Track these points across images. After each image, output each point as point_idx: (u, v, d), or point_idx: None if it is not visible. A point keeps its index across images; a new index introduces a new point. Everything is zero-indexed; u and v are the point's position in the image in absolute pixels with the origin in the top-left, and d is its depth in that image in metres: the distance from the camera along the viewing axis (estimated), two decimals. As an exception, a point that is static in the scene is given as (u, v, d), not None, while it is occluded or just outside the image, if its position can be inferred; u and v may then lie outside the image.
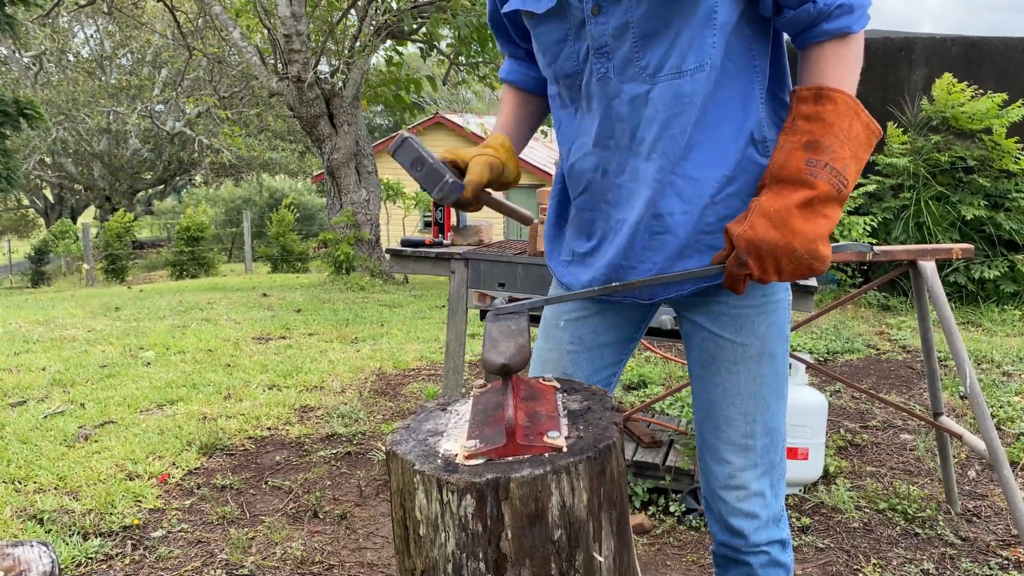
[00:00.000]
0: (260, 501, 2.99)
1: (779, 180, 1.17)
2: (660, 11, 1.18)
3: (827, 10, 1.17)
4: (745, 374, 1.36)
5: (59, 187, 27.08)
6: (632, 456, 2.93)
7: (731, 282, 1.19)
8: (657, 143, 1.25)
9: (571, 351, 1.45)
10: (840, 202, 1.16)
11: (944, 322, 2.43)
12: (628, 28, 1.21)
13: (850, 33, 1.19)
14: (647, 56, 1.21)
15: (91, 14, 20.66)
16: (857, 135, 1.17)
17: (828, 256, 1.15)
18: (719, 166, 1.27)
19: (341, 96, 10.50)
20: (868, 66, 7.58)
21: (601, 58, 1.25)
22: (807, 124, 1.17)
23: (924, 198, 6.88)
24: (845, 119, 1.16)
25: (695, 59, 1.20)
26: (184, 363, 5.02)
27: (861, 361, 5.07)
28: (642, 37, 1.21)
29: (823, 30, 1.19)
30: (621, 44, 1.22)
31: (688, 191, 1.27)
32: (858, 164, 1.18)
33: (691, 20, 1.18)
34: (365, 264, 10.77)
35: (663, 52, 1.21)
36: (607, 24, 1.22)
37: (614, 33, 1.22)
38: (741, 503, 1.39)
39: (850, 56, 1.20)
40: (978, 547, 2.60)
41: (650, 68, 1.22)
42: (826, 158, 1.15)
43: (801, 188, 1.15)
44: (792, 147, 1.18)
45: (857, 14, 1.18)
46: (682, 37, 1.19)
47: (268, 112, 22.03)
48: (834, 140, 1.15)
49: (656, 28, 1.19)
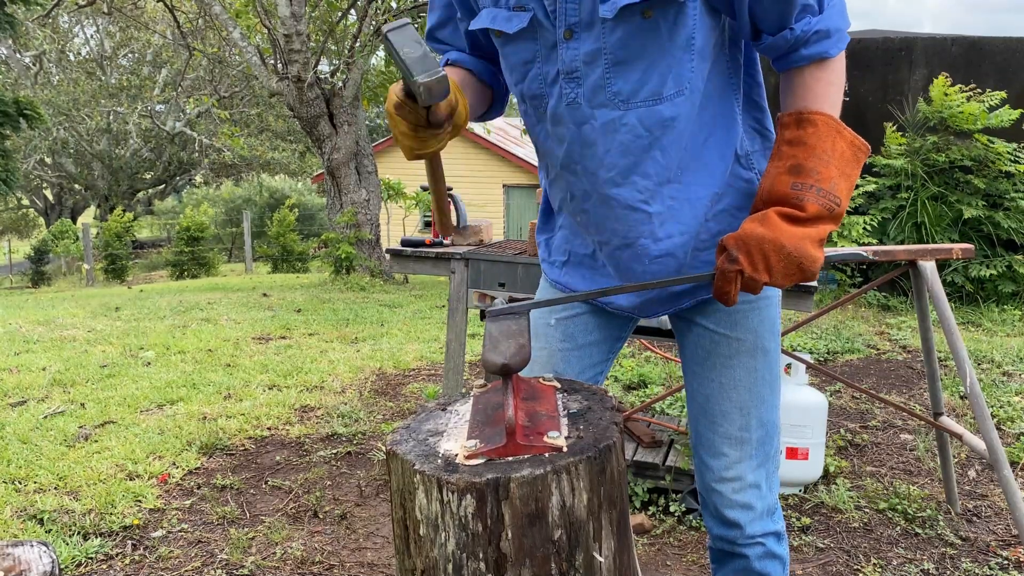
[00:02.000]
0: (260, 501, 2.99)
1: (768, 204, 1.20)
2: (635, 40, 1.17)
3: (804, 36, 1.19)
4: (740, 368, 1.39)
5: (59, 187, 27.09)
6: (632, 456, 2.93)
7: (721, 283, 1.19)
8: (635, 168, 1.25)
9: (562, 349, 1.47)
10: (835, 219, 1.17)
11: (944, 322, 2.43)
12: (600, 54, 1.19)
13: (828, 58, 1.20)
14: (618, 83, 1.20)
15: (91, 14, 20.65)
16: (842, 153, 1.18)
17: (819, 258, 1.16)
18: (709, 185, 1.30)
19: (341, 96, 10.50)
20: (868, 66, 7.61)
21: (571, 83, 1.23)
22: (790, 149, 1.19)
23: (922, 198, 6.88)
24: (827, 140, 1.18)
25: (674, 84, 1.20)
26: (184, 363, 5.02)
27: (861, 361, 5.07)
28: (615, 64, 1.19)
29: (801, 55, 1.20)
30: (592, 70, 1.21)
31: (684, 213, 1.29)
32: (848, 181, 1.19)
33: (669, 47, 1.18)
34: (365, 264, 10.78)
35: (636, 79, 1.20)
36: (579, 50, 1.21)
37: (585, 59, 1.21)
38: (737, 495, 1.41)
39: (831, 78, 1.21)
40: (978, 547, 2.60)
41: (623, 95, 1.21)
42: (811, 180, 1.16)
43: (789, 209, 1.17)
44: (777, 172, 1.19)
45: (835, 39, 1.20)
46: (660, 63, 1.18)
47: (268, 112, 22.03)
48: (817, 161, 1.17)
49: (629, 56, 1.19)
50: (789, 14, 1.18)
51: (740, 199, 1.33)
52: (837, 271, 7.12)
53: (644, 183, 1.26)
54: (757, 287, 1.18)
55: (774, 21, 1.19)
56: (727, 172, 1.31)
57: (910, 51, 7.55)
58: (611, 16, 1.15)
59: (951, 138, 6.92)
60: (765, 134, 1.35)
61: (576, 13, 1.18)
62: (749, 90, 1.34)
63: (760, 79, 1.35)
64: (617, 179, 1.26)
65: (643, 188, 1.26)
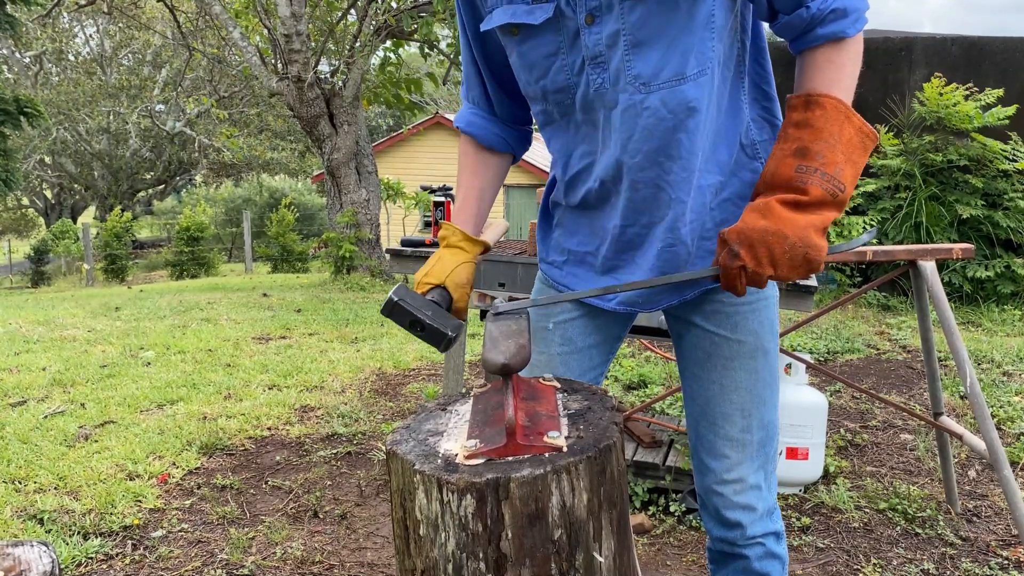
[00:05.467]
0: (260, 501, 2.99)
1: (771, 187, 1.17)
2: (653, 18, 1.16)
3: (820, 15, 1.17)
4: (741, 370, 1.38)
5: (59, 187, 27.08)
6: (632, 456, 2.93)
7: (727, 279, 1.16)
8: (662, 151, 1.23)
9: (561, 353, 1.46)
10: (838, 206, 1.14)
11: (944, 322, 2.43)
12: (620, 36, 1.19)
13: (845, 37, 1.18)
14: (638, 66, 1.19)
15: (91, 14, 20.65)
16: (850, 139, 1.16)
17: (823, 247, 1.12)
18: (716, 172, 1.29)
19: (341, 96, 10.50)
20: (868, 66, 7.58)
21: (597, 68, 1.22)
22: (797, 131, 1.17)
23: (921, 198, 6.88)
24: (835, 124, 1.15)
25: (697, 63, 1.18)
26: (184, 363, 5.02)
27: (861, 361, 5.07)
28: (633, 45, 1.18)
29: (817, 35, 1.18)
30: (614, 53, 1.20)
31: (695, 201, 1.28)
32: (854, 168, 1.16)
33: (690, 25, 1.16)
34: (365, 264, 10.78)
35: (657, 60, 1.18)
36: (601, 33, 1.20)
37: (608, 42, 1.20)
38: (738, 496, 1.41)
39: (845, 61, 1.19)
40: (978, 547, 2.60)
41: (643, 77, 1.19)
42: (816, 164, 1.14)
43: (792, 193, 1.15)
44: (783, 154, 1.17)
45: (852, 18, 1.17)
46: (681, 42, 1.17)
47: (268, 112, 22.03)
48: (824, 145, 1.14)
49: (648, 36, 1.17)
50: None
51: (744, 188, 1.31)
52: (837, 271, 7.12)
53: (672, 166, 1.24)
54: (762, 281, 1.14)
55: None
56: (732, 160, 1.30)
57: (910, 51, 7.55)
58: None
59: (950, 137, 6.92)
60: (774, 123, 1.34)
61: None
62: (759, 79, 1.32)
63: (769, 68, 1.34)
64: (643, 163, 1.24)
65: (670, 171, 1.24)
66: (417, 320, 1.25)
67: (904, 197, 6.97)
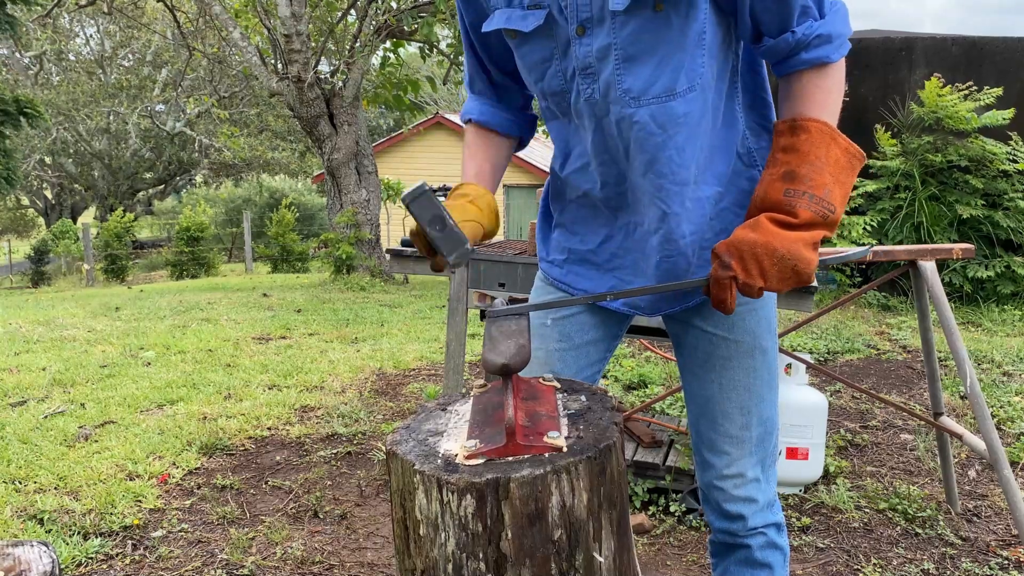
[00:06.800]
0: (260, 501, 2.99)
1: (761, 211, 1.20)
2: (645, 34, 1.17)
3: (805, 40, 1.18)
4: (739, 369, 1.40)
5: (59, 187, 27.08)
6: (632, 456, 2.93)
7: (717, 289, 1.18)
8: (653, 164, 1.25)
9: (559, 349, 1.47)
10: (828, 226, 1.17)
11: (944, 322, 2.43)
12: (611, 50, 1.19)
13: (829, 63, 1.20)
14: (628, 80, 1.20)
15: (91, 14, 20.65)
16: (837, 160, 1.18)
17: (813, 260, 1.15)
18: (714, 184, 1.31)
19: (341, 96, 10.50)
20: (868, 66, 7.60)
21: (587, 79, 1.24)
22: (784, 155, 1.19)
23: (920, 198, 6.88)
24: (821, 147, 1.17)
25: (687, 80, 1.20)
26: (184, 363, 5.02)
27: (861, 361, 5.07)
28: (624, 60, 1.19)
29: (801, 59, 1.20)
30: (604, 66, 1.21)
31: (695, 212, 1.30)
32: (843, 188, 1.19)
33: (682, 42, 1.17)
34: (365, 264, 10.78)
35: (647, 76, 1.19)
36: (591, 46, 1.21)
37: (598, 55, 1.21)
38: (738, 490, 1.44)
39: (829, 85, 1.21)
40: (978, 547, 2.60)
41: (633, 92, 1.20)
42: (804, 187, 1.16)
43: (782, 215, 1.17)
44: (771, 179, 1.19)
45: (836, 43, 1.19)
46: (672, 59, 1.18)
47: (268, 112, 22.03)
48: (810, 168, 1.17)
49: (639, 51, 1.18)
50: (790, 16, 1.17)
51: (742, 196, 1.33)
52: (837, 271, 7.12)
53: (662, 182, 1.26)
54: (754, 291, 1.17)
55: (775, 23, 1.19)
56: (729, 170, 1.32)
57: (910, 51, 7.55)
58: (622, 9, 1.15)
59: (950, 137, 6.91)
60: (771, 129, 1.35)
61: (588, 8, 1.18)
62: (754, 86, 1.33)
63: (764, 73, 1.35)
64: (640, 169, 1.27)
65: (662, 186, 1.26)
66: (440, 216, 1.18)
67: (904, 197, 6.97)
